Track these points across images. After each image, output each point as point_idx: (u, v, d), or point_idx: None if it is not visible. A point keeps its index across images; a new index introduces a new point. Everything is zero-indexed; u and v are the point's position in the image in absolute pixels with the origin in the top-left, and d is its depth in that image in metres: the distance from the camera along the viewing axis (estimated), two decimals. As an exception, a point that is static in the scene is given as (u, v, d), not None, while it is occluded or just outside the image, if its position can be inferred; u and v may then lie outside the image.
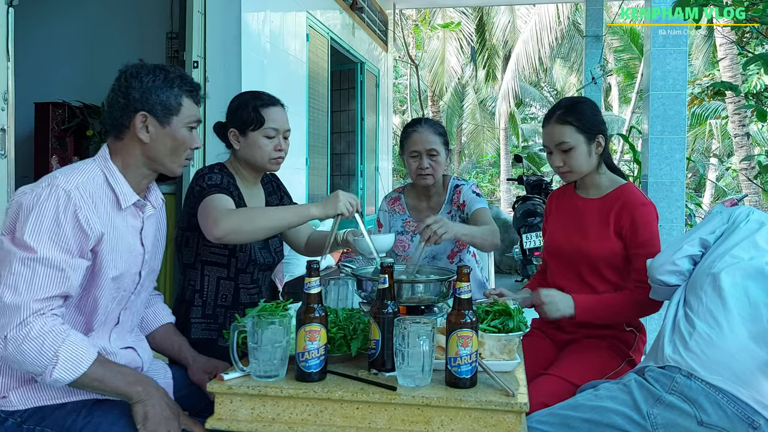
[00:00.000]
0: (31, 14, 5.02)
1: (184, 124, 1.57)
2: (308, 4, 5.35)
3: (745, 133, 9.63)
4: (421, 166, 2.38)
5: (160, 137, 1.54)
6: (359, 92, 7.37)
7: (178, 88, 1.56)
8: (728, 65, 9.59)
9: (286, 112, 2.06)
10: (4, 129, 2.76)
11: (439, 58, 16.70)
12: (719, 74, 10.61)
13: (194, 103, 1.60)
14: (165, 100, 1.54)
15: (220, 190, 1.86)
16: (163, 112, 1.54)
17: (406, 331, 1.34)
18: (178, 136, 1.56)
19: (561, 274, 2.09)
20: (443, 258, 2.44)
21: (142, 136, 1.53)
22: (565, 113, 2.00)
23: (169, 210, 4.11)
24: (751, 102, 10.10)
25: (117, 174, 1.53)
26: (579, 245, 2.02)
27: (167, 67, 1.58)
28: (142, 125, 1.53)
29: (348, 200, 1.81)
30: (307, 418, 1.35)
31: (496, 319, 1.61)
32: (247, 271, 2.00)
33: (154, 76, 1.53)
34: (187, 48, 3.88)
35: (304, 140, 5.30)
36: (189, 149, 1.60)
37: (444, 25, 13.97)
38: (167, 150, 1.56)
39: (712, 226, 1.75)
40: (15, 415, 1.43)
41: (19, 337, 1.32)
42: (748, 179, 9.28)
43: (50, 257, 1.36)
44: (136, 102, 1.52)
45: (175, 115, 1.55)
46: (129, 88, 1.52)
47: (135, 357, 1.61)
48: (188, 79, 1.60)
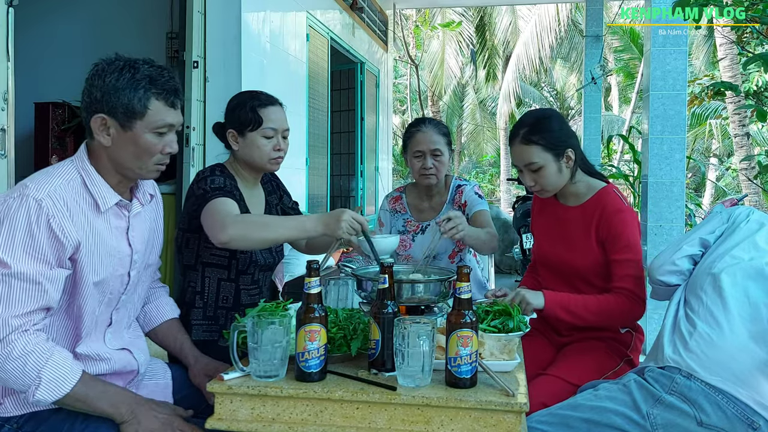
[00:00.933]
0: (31, 14, 5.02)
1: (150, 129, 1.44)
2: (308, 4, 5.35)
3: (745, 133, 9.63)
4: (425, 166, 2.38)
5: (121, 142, 1.43)
6: (359, 92, 7.37)
7: (144, 90, 1.42)
8: (728, 65, 9.59)
9: (284, 111, 2.05)
10: (4, 129, 2.76)
11: (439, 59, 16.70)
12: (719, 74, 10.61)
13: (167, 107, 1.46)
14: (128, 102, 1.41)
15: (225, 193, 1.85)
16: (125, 115, 1.42)
17: (406, 331, 1.34)
18: (141, 141, 1.44)
19: (551, 280, 2.10)
20: (444, 258, 2.44)
21: (102, 140, 1.43)
22: (529, 132, 1.94)
23: (169, 210, 4.11)
24: (751, 102, 10.10)
25: (94, 175, 1.45)
26: (564, 257, 2.02)
27: (140, 64, 1.45)
28: (101, 128, 1.43)
29: (350, 224, 1.70)
30: (307, 418, 1.35)
31: (496, 319, 1.61)
32: (248, 272, 2.00)
33: (119, 76, 1.41)
34: (187, 48, 3.88)
35: (304, 140, 5.30)
36: (159, 155, 1.47)
37: (445, 24, 13.96)
38: (130, 155, 1.45)
39: (711, 226, 1.75)
40: (11, 421, 1.41)
41: (2, 356, 1.29)
42: (748, 179, 9.28)
43: (25, 271, 1.31)
44: (96, 103, 1.42)
45: (139, 119, 1.43)
46: (91, 87, 1.43)
47: (130, 360, 1.58)
48: (160, 80, 1.45)
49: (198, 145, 3.91)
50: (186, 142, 3.88)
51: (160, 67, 1.47)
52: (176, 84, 1.49)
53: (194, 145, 3.88)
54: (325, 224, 1.72)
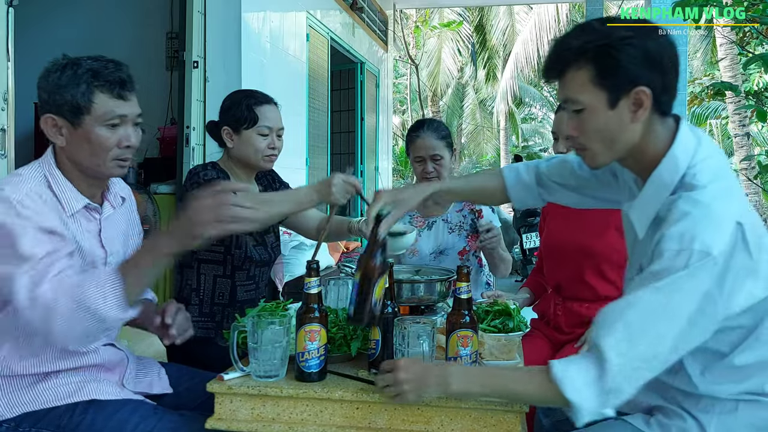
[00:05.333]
0: (31, 14, 5.02)
1: (100, 123, 1.40)
2: (308, 4, 5.35)
3: (745, 133, 9.63)
4: (426, 171, 2.41)
5: (75, 140, 1.41)
6: (359, 92, 7.38)
7: (87, 84, 1.39)
8: (728, 65, 9.59)
9: (279, 110, 2.07)
10: (4, 129, 2.77)
11: (435, 58, 16.70)
12: (719, 74, 10.61)
13: (113, 98, 1.41)
14: (71, 98, 1.38)
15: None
16: (71, 112, 1.39)
17: (406, 331, 1.34)
18: (93, 137, 1.40)
19: (560, 272, 2.09)
20: (452, 253, 2.46)
21: (57, 141, 1.41)
22: None
23: (169, 210, 4.11)
24: (751, 102, 10.10)
25: (59, 178, 1.43)
26: (581, 242, 2.02)
27: (83, 60, 1.42)
28: (53, 129, 1.41)
29: (342, 187, 1.71)
30: (307, 418, 1.35)
31: (496, 319, 1.61)
32: (243, 268, 2.01)
33: (61, 74, 1.39)
34: (187, 48, 3.88)
35: (304, 140, 5.30)
36: (116, 149, 1.43)
37: (445, 24, 13.96)
38: (86, 153, 1.42)
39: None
40: (9, 420, 1.41)
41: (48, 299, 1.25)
42: (748, 179, 9.27)
43: (40, 251, 1.28)
44: (44, 104, 1.40)
45: (87, 114, 1.39)
46: (39, 89, 1.41)
47: (116, 351, 1.58)
48: (103, 72, 1.40)
49: (198, 145, 3.91)
50: (186, 142, 3.88)
51: (105, 60, 1.44)
52: (123, 75, 1.44)
53: (194, 145, 3.89)
54: (318, 192, 1.73)
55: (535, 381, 1.21)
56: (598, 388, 1.14)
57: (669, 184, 1.21)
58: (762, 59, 2.76)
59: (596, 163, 1.28)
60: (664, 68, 1.20)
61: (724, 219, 1.14)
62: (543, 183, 1.58)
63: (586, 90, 1.21)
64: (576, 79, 1.21)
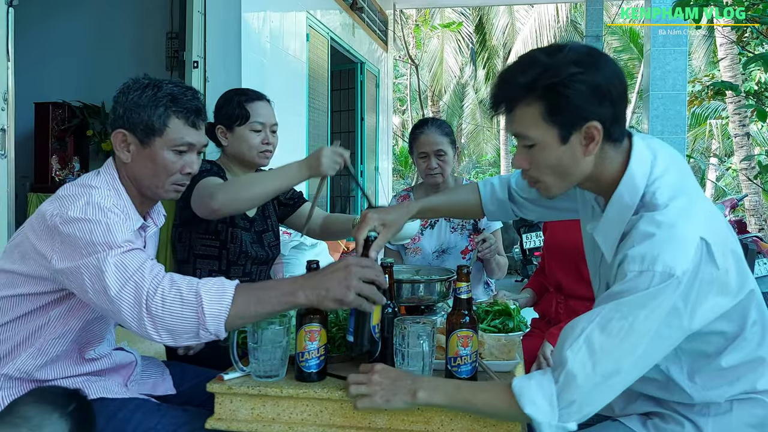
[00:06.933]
0: (31, 14, 5.02)
1: (169, 147, 1.45)
2: (308, 4, 5.35)
3: (745, 133, 9.62)
4: (430, 166, 2.46)
5: (140, 158, 1.45)
6: (359, 92, 7.38)
7: (165, 107, 1.43)
8: (728, 65, 9.58)
9: (272, 107, 2.09)
10: (4, 129, 2.77)
11: (438, 58, 16.70)
12: (719, 74, 10.60)
13: (187, 125, 1.46)
14: (147, 119, 1.43)
15: (211, 174, 1.89)
16: (144, 131, 1.43)
17: (406, 331, 1.34)
18: (159, 159, 1.44)
19: (561, 272, 2.10)
20: (455, 252, 2.49)
21: (122, 155, 1.45)
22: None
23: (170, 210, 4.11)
24: (751, 102, 10.09)
25: (124, 195, 1.47)
26: (581, 240, 2.02)
27: (164, 83, 1.47)
28: (122, 144, 1.45)
29: (331, 159, 1.75)
30: (307, 418, 1.35)
31: (496, 319, 1.61)
32: (239, 263, 2.02)
33: (141, 93, 1.44)
34: (187, 48, 3.88)
35: (304, 140, 5.30)
36: (178, 174, 1.48)
37: (445, 24, 13.96)
38: (148, 172, 1.46)
39: None
40: None
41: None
42: (748, 179, 9.27)
43: (125, 241, 1.30)
44: (119, 119, 1.45)
45: (158, 137, 1.44)
46: (116, 104, 1.46)
47: (127, 354, 1.61)
48: (182, 99, 1.46)
49: (198, 145, 3.91)
50: (186, 142, 3.88)
51: (185, 87, 1.49)
52: (199, 104, 1.49)
53: (194, 145, 3.88)
54: (308, 166, 1.77)
55: (498, 395, 1.21)
56: (557, 403, 1.14)
57: (630, 205, 1.21)
58: (762, 59, 2.76)
59: (551, 194, 1.29)
60: (613, 100, 1.18)
61: (687, 237, 1.13)
62: (514, 198, 1.62)
63: (537, 126, 1.20)
64: (525, 115, 1.21)
